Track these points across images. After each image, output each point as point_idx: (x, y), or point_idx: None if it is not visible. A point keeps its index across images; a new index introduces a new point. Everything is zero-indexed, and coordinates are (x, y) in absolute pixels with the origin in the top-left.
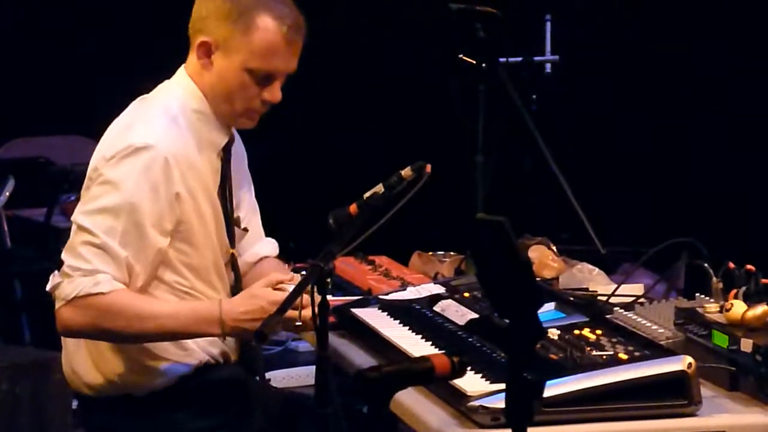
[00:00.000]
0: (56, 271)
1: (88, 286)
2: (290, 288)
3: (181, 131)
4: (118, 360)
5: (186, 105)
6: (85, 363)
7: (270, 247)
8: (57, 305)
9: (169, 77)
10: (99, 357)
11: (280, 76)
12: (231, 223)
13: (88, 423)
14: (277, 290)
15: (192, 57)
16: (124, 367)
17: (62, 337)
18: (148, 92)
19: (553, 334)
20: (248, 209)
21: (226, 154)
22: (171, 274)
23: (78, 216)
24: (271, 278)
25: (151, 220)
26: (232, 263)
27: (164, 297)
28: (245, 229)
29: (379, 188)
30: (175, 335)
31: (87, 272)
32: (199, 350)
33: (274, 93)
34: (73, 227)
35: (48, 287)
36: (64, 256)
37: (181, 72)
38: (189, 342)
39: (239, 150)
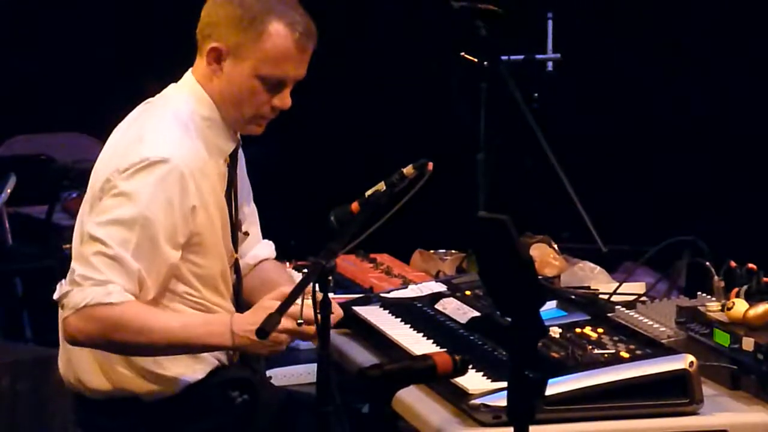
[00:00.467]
0: (63, 280)
1: (99, 295)
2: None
3: (193, 140)
4: (128, 369)
5: (195, 112)
6: (92, 370)
7: (269, 249)
8: (65, 314)
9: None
10: (108, 367)
11: (291, 83)
12: (235, 227)
13: (88, 424)
14: None
15: (200, 62)
16: (132, 373)
17: (62, 342)
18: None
19: (555, 332)
20: (249, 212)
21: (232, 160)
22: (182, 286)
23: (91, 227)
24: (280, 291)
25: (165, 235)
26: (235, 267)
27: (175, 307)
28: (246, 233)
29: (381, 186)
30: (184, 347)
31: (99, 282)
32: (210, 357)
33: (284, 100)
34: (85, 237)
35: (55, 296)
36: (74, 265)
37: (189, 77)
38: None
39: (239, 154)
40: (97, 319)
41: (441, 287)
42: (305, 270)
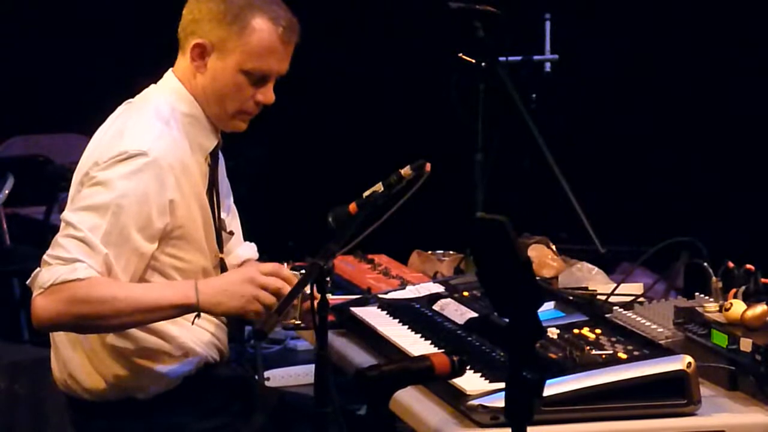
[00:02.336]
0: (38, 268)
1: (65, 273)
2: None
3: (174, 136)
4: (118, 363)
5: (176, 109)
6: (84, 367)
7: (251, 250)
8: (34, 295)
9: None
10: (99, 362)
11: (274, 77)
12: (219, 227)
13: (83, 426)
14: None
15: (182, 59)
16: (124, 369)
17: (54, 345)
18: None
19: (553, 333)
20: (231, 212)
21: (213, 158)
22: (159, 277)
23: (65, 213)
24: (249, 264)
25: (137, 225)
26: (221, 267)
27: None
28: (231, 232)
29: (379, 187)
30: (150, 312)
31: (66, 261)
32: (199, 350)
33: (267, 94)
34: (61, 225)
35: (28, 281)
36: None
37: (170, 75)
38: (188, 342)
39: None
40: (63, 295)
41: (439, 288)
42: (303, 271)
